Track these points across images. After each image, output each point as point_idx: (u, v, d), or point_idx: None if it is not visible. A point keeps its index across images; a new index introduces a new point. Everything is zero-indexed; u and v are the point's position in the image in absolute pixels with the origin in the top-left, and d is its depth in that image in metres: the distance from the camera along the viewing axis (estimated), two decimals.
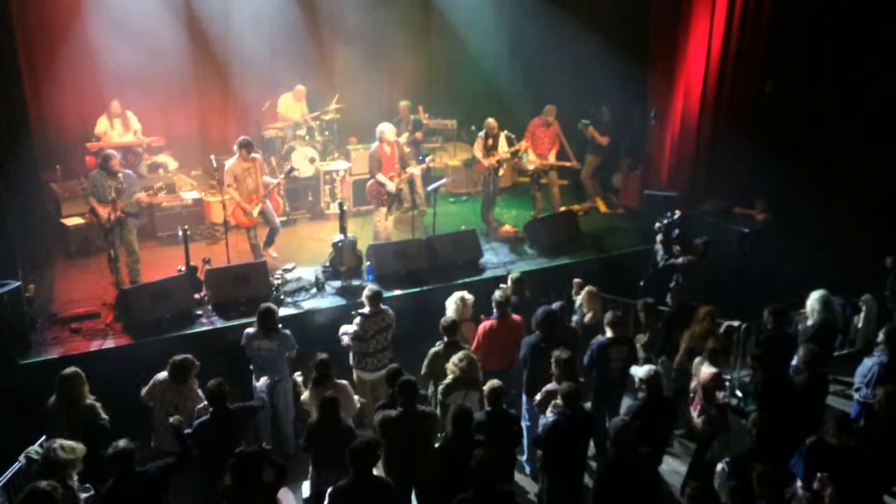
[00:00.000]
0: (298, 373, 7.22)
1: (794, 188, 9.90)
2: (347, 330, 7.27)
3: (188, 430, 5.70)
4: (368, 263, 9.03)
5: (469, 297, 7.46)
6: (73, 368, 6.06)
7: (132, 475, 5.08)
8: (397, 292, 8.66)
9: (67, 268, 9.37)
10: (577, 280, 8.30)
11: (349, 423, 6.00)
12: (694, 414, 6.54)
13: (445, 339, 6.80)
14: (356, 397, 6.63)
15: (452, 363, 6.23)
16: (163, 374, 6.27)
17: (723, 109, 10.56)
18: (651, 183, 11.08)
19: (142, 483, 5.09)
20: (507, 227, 10.69)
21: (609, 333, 6.79)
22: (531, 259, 9.77)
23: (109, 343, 7.56)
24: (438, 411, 6.26)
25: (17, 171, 8.59)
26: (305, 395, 6.72)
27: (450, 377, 6.26)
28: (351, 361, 7.34)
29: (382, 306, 7.26)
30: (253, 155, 9.07)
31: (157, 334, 7.67)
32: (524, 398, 6.97)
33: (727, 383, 7.35)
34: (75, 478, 5.23)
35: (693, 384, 6.66)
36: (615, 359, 6.74)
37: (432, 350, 6.79)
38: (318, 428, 5.77)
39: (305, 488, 6.27)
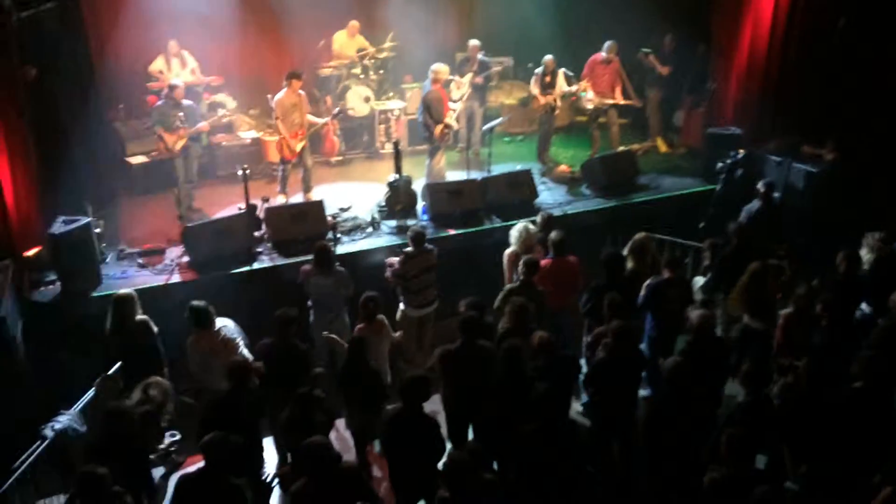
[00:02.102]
0: None
1: (863, 129, 9.44)
2: (394, 262, 7.35)
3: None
4: (423, 203, 9.06)
5: (533, 227, 7.43)
6: (126, 290, 6.29)
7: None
8: (451, 232, 8.68)
9: (133, 205, 9.68)
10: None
11: (376, 363, 6.12)
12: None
13: (523, 277, 6.79)
14: (396, 334, 6.73)
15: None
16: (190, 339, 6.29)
17: (792, 45, 10.07)
18: (714, 121, 10.72)
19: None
20: (563, 167, 10.54)
21: (666, 274, 6.71)
22: (587, 200, 9.64)
23: (175, 278, 7.83)
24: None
25: (84, 112, 8.81)
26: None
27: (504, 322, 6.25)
28: (399, 297, 7.43)
29: (426, 246, 7.29)
30: (300, 91, 9.11)
31: (219, 270, 7.90)
32: (584, 340, 6.98)
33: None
34: (166, 417, 5.52)
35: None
36: (671, 300, 6.66)
37: (508, 286, 6.83)
38: (347, 370, 5.92)
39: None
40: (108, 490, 4.44)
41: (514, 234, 7.35)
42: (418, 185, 9.23)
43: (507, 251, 7.26)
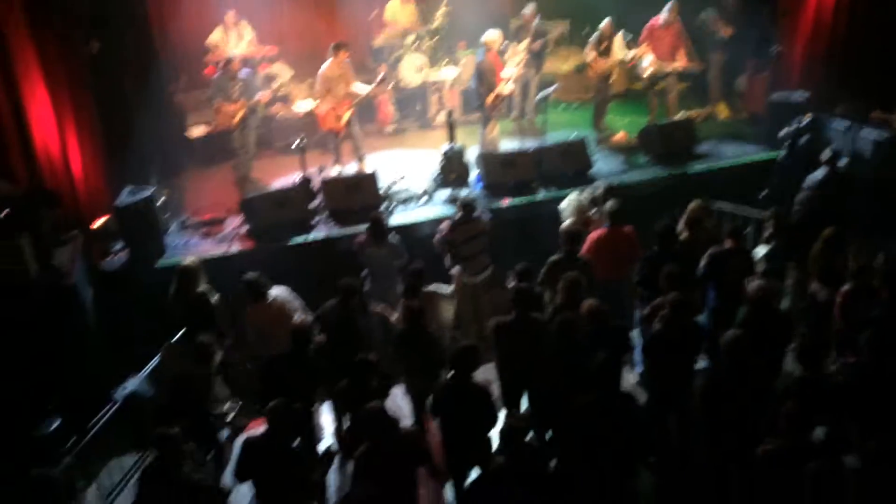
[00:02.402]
0: None
1: None
2: (443, 230, 7.40)
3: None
4: (476, 173, 9.04)
5: (585, 197, 7.36)
6: (190, 259, 6.49)
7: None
8: (505, 202, 8.66)
9: (195, 175, 9.93)
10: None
11: (435, 330, 6.17)
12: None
13: (567, 248, 6.76)
14: (449, 305, 6.78)
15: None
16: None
17: (860, 4, 9.64)
18: (778, 85, 10.35)
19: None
20: (619, 135, 10.35)
21: (727, 244, 6.58)
22: (644, 169, 9.46)
23: (235, 248, 8.03)
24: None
25: (146, 84, 9.04)
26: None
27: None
28: (450, 266, 7.46)
29: (475, 214, 7.29)
30: (346, 61, 9.16)
31: (277, 241, 8.06)
32: (637, 312, 6.92)
33: None
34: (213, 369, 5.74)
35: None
36: (732, 270, 6.53)
37: (551, 258, 6.82)
38: (404, 336, 5.99)
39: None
40: (181, 448, 4.65)
41: (566, 206, 7.29)
42: (472, 155, 9.21)
43: (564, 225, 7.20)
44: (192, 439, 4.93)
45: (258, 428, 5.84)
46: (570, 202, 7.31)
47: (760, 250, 7.47)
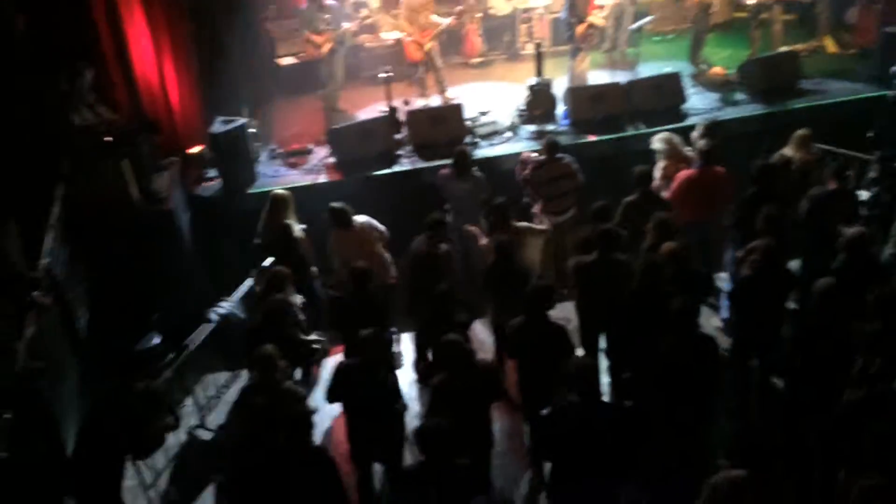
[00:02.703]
0: None
1: None
2: (529, 157, 7.30)
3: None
4: (563, 107, 8.85)
5: (677, 138, 7.13)
6: (282, 190, 6.66)
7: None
8: (592, 138, 8.47)
9: (285, 105, 10.10)
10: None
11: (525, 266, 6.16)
12: None
13: (641, 189, 6.63)
14: (538, 241, 6.76)
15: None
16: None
17: None
18: (892, 18, 9.58)
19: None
20: (717, 70, 9.85)
21: (831, 186, 6.27)
22: (743, 105, 9.01)
23: (321, 178, 8.20)
24: None
25: (238, 13, 9.15)
26: (484, 240, 6.95)
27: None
28: (532, 205, 7.41)
29: (559, 155, 7.16)
30: None
31: (362, 171, 8.17)
32: (730, 254, 6.72)
33: None
34: (292, 289, 5.96)
35: None
36: (834, 214, 6.23)
37: (626, 199, 6.69)
38: (493, 271, 6.01)
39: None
40: (277, 364, 4.92)
41: (658, 144, 7.07)
42: (559, 89, 9.00)
43: (659, 165, 7.01)
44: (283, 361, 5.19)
45: (341, 354, 6.11)
46: (662, 140, 7.08)
47: (863, 195, 7.10)
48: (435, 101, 9.49)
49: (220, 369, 6.64)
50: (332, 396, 4.99)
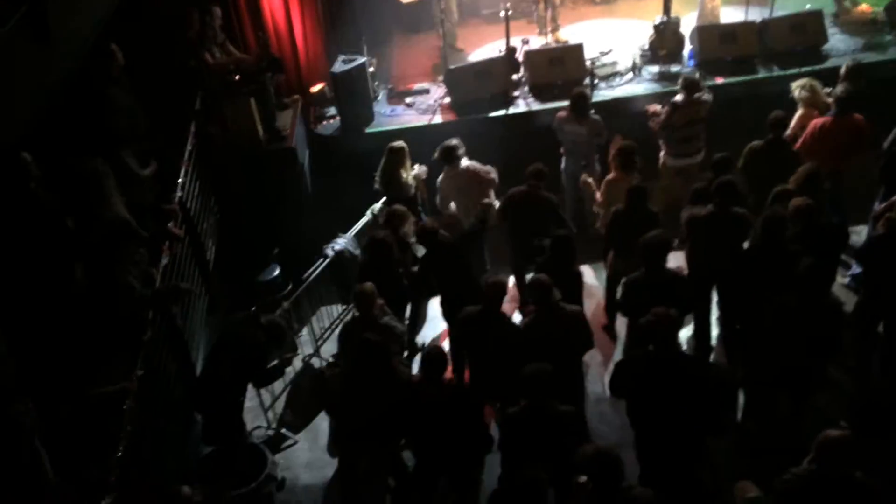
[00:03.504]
0: None
1: None
2: (657, 110, 7.05)
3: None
4: (691, 47, 8.40)
5: (818, 84, 6.68)
6: (399, 143, 6.78)
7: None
8: (720, 80, 8.04)
9: (403, 43, 10.10)
10: None
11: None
12: None
13: (771, 135, 6.27)
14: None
15: None
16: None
17: None
18: None
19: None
20: (863, 7, 9.00)
21: None
22: (890, 48, 8.26)
23: (437, 118, 8.24)
24: None
25: None
26: (601, 185, 6.80)
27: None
28: (660, 144, 7.16)
29: (698, 95, 6.83)
30: None
31: (478, 113, 8.14)
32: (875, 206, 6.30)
33: None
34: (409, 227, 6.13)
35: None
36: None
37: (751, 145, 6.36)
38: (622, 216, 5.90)
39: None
40: (374, 302, 5.17)
41: (797, 91, 6.63)
42: (687, 27, 8.54)
43: (798, 113, 6.61)
44: (387, 297, 5.39)
45: None
46: (802, 86, 6.64)
47: None
48: (545, 39, 9.18)
49: (334, 302, 6.95)
50: (459, 345, 5.10)
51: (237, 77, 7.13)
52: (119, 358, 4.37)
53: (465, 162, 6.67)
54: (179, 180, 5.94)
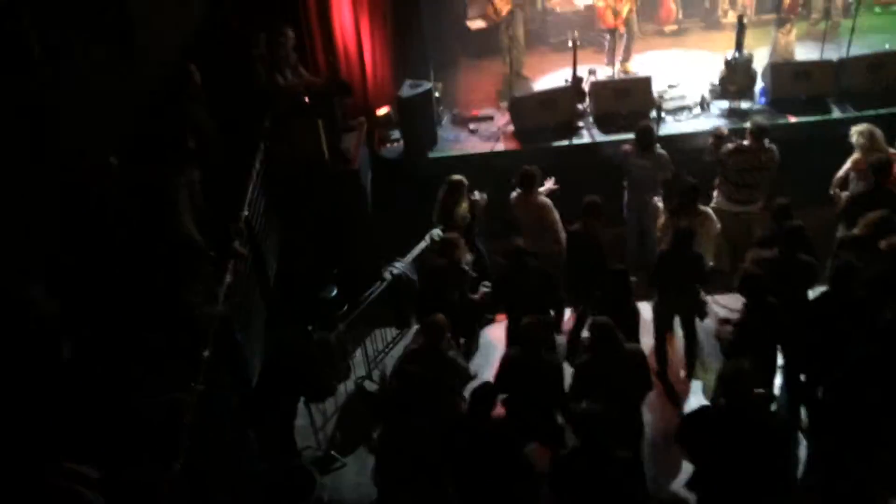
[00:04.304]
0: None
1: None
2: (723, 132, 6.91)
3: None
4: (763, 84, 8.24)
5: (878, 132, 6.47)
6: (458, 177, 6.76)
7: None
8: (792, 119, 7.86)
9: (470, 69, 10.16)
10: None
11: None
12: None
13: (874, 180, 6.05)
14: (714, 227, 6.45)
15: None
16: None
17: None
18: None
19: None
20: None
21: None
22: None
23: (500, 146, 8.25)
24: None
25: None
26: (661, 220, 6.71)
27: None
28: (715, 184, 7.02)
29: (765, 143, 6.66)
30: None
31: (541, 142, 8.13)
32: None
33: None
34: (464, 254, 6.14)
35: None
36: None
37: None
38: (668, 257, 5.83)
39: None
40: (445, 335, 5.18)
41: (856, 136, 6.43)
42: (760, 62, 8.37)
43: (852, 156, 6.42)
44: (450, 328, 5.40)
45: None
46: (862, 132, 6.44)
47: None
48: (611, 69, 9.13)
49: (388, 325, 6.98)
50: (499, 387, 5.10)
51: (307, 99, 7.28)
52: (176, 370, 4.47)
53: (542, 198, 6.63)
54: (246, 198, 6.08)
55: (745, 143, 6.70)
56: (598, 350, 4.82)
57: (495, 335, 6.83)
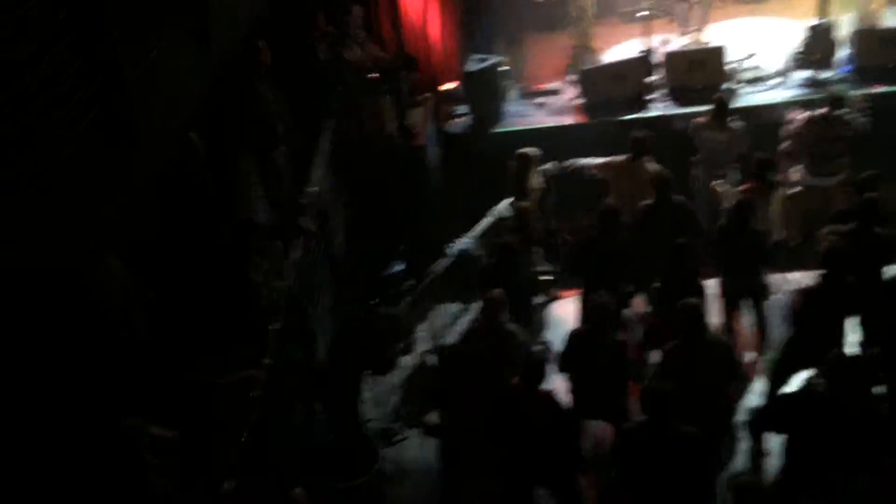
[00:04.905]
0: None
1: None
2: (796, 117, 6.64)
3: None
4: (847, 52, 7.82)
5: None
6: (527, 150, 6.69)
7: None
8: (878, 89, 7.45)
9: (537, 42, 9.95)
10: None
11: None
12: None
13: None
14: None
15: None
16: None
17: None
18: None
19: None
20: None
21: None
22: None
23: (568, 119, 8.12)
24: None
25: None
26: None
27: None
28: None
29: (841, 113, 6.37)
30: None
31: (610, 115, 7.95)
32: None
33: None
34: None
35: None
36: None
37: None
38: (727, 231, 5.68)
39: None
40: (504, 309, 5.12)
41: None
42: (844, 29, 7.94)
43: None
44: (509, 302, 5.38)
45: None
46: None
47: None
48: (686, 39, 8.80)
49: (453, 300, 7.02)
50: (563, 365, 5.06)
51: (375, 76, 7.32)
52: (245, 347, 4.61)
53: (654, 165, 6.39)
54: (313, 175, 6.18)
55: (820, 111, 6.43)
56: (684, 337, 4.69)
57: (565, 310, 6.75)
